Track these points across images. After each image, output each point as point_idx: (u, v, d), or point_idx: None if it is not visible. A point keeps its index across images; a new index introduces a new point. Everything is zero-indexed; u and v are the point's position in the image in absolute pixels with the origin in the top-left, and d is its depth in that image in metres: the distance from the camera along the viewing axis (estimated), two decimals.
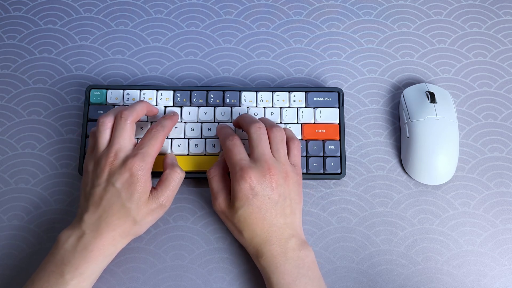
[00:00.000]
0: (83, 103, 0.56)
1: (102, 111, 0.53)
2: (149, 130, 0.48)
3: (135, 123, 0.48)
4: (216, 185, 0.48)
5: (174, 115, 0.52)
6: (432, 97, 0.53)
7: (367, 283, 0.50)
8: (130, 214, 0.45)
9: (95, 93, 0.54)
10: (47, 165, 0.54)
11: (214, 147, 0.53)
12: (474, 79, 0.57)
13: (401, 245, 0.52)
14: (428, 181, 0.53)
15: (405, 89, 0.55)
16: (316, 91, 0.54)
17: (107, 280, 0.50)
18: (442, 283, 0.50)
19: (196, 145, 0.53)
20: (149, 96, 0.54)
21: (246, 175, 0.45)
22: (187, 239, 0.52)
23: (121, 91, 0.54)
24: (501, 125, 0.56)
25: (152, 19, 0.60)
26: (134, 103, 0.49)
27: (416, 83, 0.56)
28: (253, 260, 0.47)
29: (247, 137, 0.48)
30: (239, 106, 0.54)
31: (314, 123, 0.54)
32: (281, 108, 0.54)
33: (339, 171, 0.52)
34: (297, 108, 0.54)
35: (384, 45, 0.59)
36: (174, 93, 0.54)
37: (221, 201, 0.47)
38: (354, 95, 0.57)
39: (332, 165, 0.52)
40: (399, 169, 0.54)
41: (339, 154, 0.53)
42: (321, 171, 0.52)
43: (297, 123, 0.54)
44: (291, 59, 0.58)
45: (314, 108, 0.54)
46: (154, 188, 0.47)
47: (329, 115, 0.53)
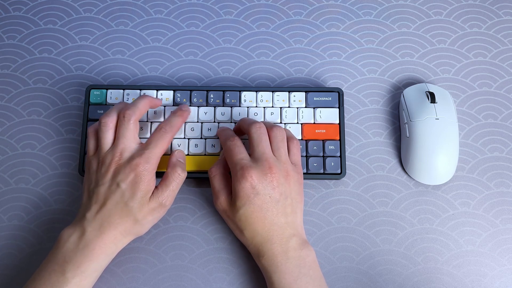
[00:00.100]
0: (83, 103, 0.56)
1: (102, 111, 0.53)
2: (158, 129, 0.48)
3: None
4: (217, 184, 0.48)
5: (185, 111, 0.51)
6: (432, 97, 0.53)
7: (367, 283, 0.50)
8: (131, 213, 0.45)
9: (95, 93, 0.54)
10: (47, 165, 0.54)
11: (214, 147, 0.53)
12: (474, 79, 0.57)
13: (401, 245, 0.52)
14: (428, 181, 0.53)
15: (405, 89, 0.55)
16: (316, 91, 0.54)
17: (107, 280, 0.50)
18: (442, 283, 0.50)
19: (196, 145, 0.53)
20: None
21: (247, 174, 0.45)
22: (187, 239, 0.52)
23: (121, 91, 0.54)
24: (501, 125, 0.56)
25: (152, 19, 0.60)
26: (136, 100, 0.49)
27: (416, 83, 0.56)
28: (254, 259, 0.47)
29: (248, 137, 0.48)
30: (239, 106, 0.54)
31: (314, 123, 0.54)
32: (281, 108, 0.54)
33: (339, 171, 0.52)
34: (297, 108, 0.54)
35: (384, 45, 0.59)
36: (174, 93, 0.54)
37: (222, 200, 0.47)
38: (354, 95, 0.57)
39: (332, 165, 0.52)
40: (399, 169, 0.54)
41: (339, 154, 0.53)
42: (321, 171, 0.52)
43: (297, 123, 0.54)
44: (291, 59, 0.58)
45: (314, 108, 0.54)
46: (156, 187, 0.47)
47: (329, 115, 0.53)
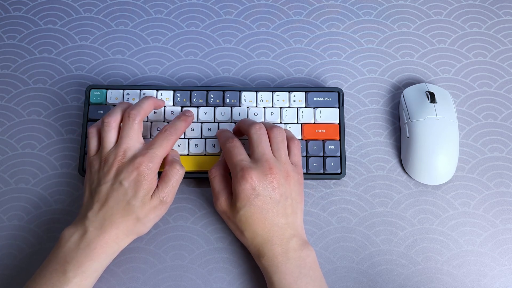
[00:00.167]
0: (83, 103, 0.56)
1: (102, 111, 0.53)
2: (163, 130, 0.48)
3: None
4: (217, 185, 0.48)
5: (189, 116, 0.51)
6: (432, 97, 0.53)
7: (367, 283, 0.50)
8: (133, 211, 0.45)
9: (95, 93, 0.54)
10: (47, 165, 0.54)
11: (214, 147, 0.53)
12: (474, 79, 0.57)
13: (401, 245, 0.52)
14: (428, 181, 0.53)
15: (405, 89, 0.55)
16: (316, 91, 0.54)
17: (107, 280, 0.50)
18: (442, 283, 0.50)
19: (196, 145, 0.53)
20: None
21: (247, 175, 0.45)
22: (187, 239, 0.52)
23: (121, 91, 0.54)
24: (501, 125, 0.56)
25: (152, 19, 0.60)
26: (140, 100, 0.49)
27: (416, 83, 0.56)
28: (255, 260, 0.47)
29: (248, 138, 0.48)
30: (239, 106, 0.54)
31: (314, 123, 0.53)
32: (281, 108, 0.54)
33: (339, 171, 0.52)
34: (297, 108, 0.54)
35: (384, 45, 0.59)
36: (174, 93, 0.54)
37: (222, 201, 0.47)
38: (354, 95, 0.57)
39: (332, 165, 0.52)
40: (399, 169, 0.54)
41: (339, 154, 0.53)
42: (321, 171, 0.52)
43: (297, 123, 0.54)
44: (291, 59, 0.58)
45: (314, 108, 0.54)
46: (156, 186, 0.47)
47: (329, 115, 0.53)
